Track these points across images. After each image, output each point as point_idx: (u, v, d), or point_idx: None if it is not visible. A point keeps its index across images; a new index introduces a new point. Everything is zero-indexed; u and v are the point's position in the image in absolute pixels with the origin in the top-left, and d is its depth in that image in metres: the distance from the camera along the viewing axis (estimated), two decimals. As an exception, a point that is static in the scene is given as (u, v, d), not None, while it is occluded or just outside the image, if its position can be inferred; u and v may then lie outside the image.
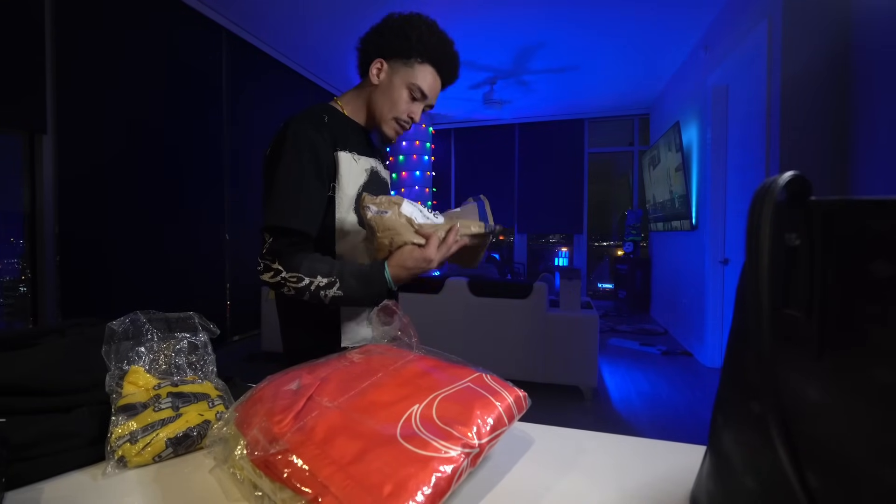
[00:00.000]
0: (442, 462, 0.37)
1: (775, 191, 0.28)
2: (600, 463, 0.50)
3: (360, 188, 0.91)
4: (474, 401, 0.46)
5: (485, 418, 0.44)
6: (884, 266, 0.25)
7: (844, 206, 0.27)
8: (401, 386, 0.47)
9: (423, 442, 0.39)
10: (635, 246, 5.46)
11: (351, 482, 0.35)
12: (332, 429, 0.40)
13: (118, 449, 0.48)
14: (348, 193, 0.89)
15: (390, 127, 0.94)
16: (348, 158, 0.89)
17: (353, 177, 0.90)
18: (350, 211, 0.90)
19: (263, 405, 0.44)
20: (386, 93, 0.92)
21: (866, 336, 0.26)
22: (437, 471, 0.36)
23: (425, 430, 0.40)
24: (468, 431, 0.41)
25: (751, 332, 0.33)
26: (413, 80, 0.90)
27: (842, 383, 0.27)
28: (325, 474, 0.36)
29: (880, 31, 1.71)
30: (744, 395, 0.33)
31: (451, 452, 0.38)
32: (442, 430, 0.41)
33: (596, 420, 2.39)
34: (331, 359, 0.55)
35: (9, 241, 2.24)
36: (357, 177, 0.91)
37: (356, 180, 0.90)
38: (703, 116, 3.37)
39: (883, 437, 0.25)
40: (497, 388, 0.49)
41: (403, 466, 0.36)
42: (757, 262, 0.28)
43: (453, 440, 0.40)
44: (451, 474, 0.37)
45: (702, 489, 0.39)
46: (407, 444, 0.38)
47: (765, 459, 0.30)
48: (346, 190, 0.89)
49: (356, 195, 0.90)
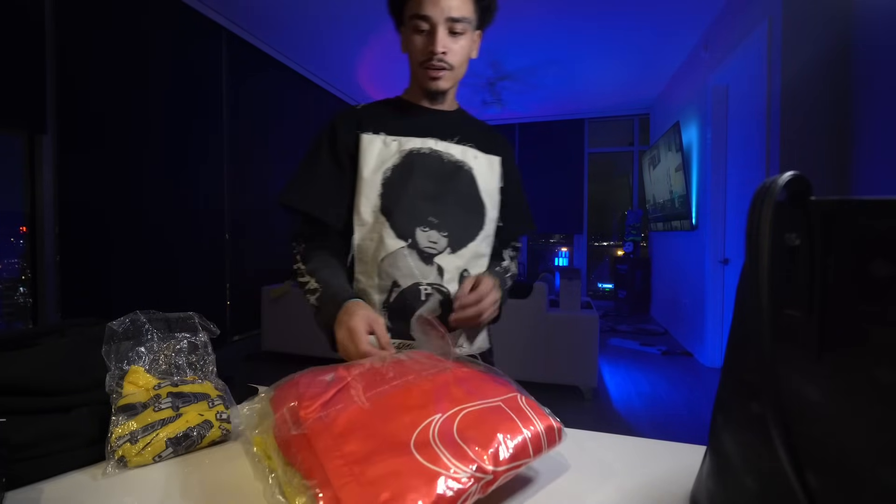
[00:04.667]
0: (449, 480, 0.36)
1: (775, 191, 0.28)
2: (600, 463, 0.50)
3: (388, 171, 0.82)
4: (500, 423, 0.43)
5: (507, 443, 0.41)
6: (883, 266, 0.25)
7: (844, 206, 0.27)
8: (428, 392, 0.46)
9: (435, 456, 0.37)
10: (635, 246, 5.46)
11: (352, 481, 0.35)
12: (351, 423, 0.41)
13: (118, 449, 0.48)
14: (364, 176, 0.82)
15: (424, 78, 0.82)
16: (371, 140, 0.83)
17: (374, 158, 0.82)
18: (364, 196, 0.82)
19: (297, 389, 0.47)
20: (407, 50, 0.83)
21: (866, 336, 0.26)
22: (441, 489, 0.35)
23: (440, 444, 0.39)
24: (484, 454, 0.39)
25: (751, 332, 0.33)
26: (410, 14, 0.78)
27: (842, 383, 0.27)
28: (331, 467, 0.36)
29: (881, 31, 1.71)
30: (744, 395, 0.33)
31: (461, 474, 0.36)
32: (458, 448, 0.39)
33: (596, 420, 2.39)
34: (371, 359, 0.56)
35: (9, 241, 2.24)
36: (382, 159, 0.82)
37: (381, 163, 0.82)
38: (703, 116, 3.36)
39: (883, 437, 0.25)
40: (529, 413, 0.45)
41: (408, 477, 0.35)
42: (757, 262, 0.28)
43: (467, 461, 0.38)
44: (455, 497, 0.35)
45: (702, 489, 0.39)
46: (418, 454, 0.37)
47: (765, 459, 0.30)
48: (363, 172, 0.82)
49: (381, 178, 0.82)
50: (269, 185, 3.81)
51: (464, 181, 0.85)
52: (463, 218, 0.84)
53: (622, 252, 5.60)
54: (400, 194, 0.81)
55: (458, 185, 0.84)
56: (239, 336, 3.48)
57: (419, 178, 0.82)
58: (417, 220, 0.81)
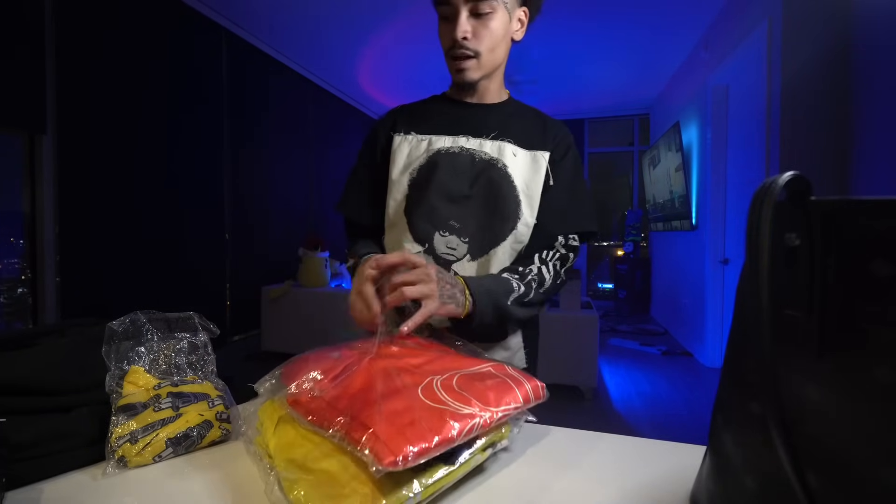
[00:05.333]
0: (456, 416, 0.41)
1: (775, 191, 0.28)
2: (600, 463, 0.50)
3: (414, 172, 0.79)
4: (491, 380, 0.50)
5: (499, 395, 0.47)
6: (884, 266, 0.25)
7: (844, 206, 0.27)
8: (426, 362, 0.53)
9: (441, 400, 0.44)
10: (635, 246, 5.46)
11: (373, 410, 0.41)
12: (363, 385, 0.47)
13: (118, 449, 0.48)
14: (392, 178, 0.81)
15: (451, 67, 0.78)
16: (401, 140, 0.81)
17: (403, 159, 0.80)
18: (392, 198, 0.81)
19: (308, 364, 0.51)
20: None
21: (866, 336, 0.26)
22: (452, 418, 0.41)
23: (444, 393, 0.45)
24: (482, 401, 0.45)
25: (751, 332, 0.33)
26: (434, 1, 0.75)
27: (842, 383, 0.27)
28: (354, 409, 0.42)
29: (881, 31, 1.71)
30: (744, 396, 0.33)
31: (466, 410, 0.43)
32: (459, 395, 0.45)
33: (596, 420, 2.39)
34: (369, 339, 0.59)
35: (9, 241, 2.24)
36: (410, 160, 0.80)
37: (408, 164, 0.80)
38: (703, 116, 3.36)
39: (883, 437, 0.25)
40: (516, 375, 0.52)
41: (421, 411, 0.41)
42: (757, 262, 0.28)
43: (468, 403, 0.44)
44: (463, 426, 0.41)
45: (702, 489, 0.39)
46: (425, 398, 0.44)
47: (765, 459, 0.30)
48: (392, 174, 0.81)
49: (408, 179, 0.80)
50: (270, 185, 3.81)
51: (495, 181, 0.77)
52: (489, 222, 0.77)
53: (622, 252, 5.60)
54: (422, 196, 0.77)
55: (489, 186, 0.77)
56: (239, 336, 3.48)
57: (443, 179, 0.77)
58: (437, 224, 0.77)
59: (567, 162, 0.83)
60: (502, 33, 0.75)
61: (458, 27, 0.71)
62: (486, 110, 0.83)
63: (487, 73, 0.78)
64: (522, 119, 0.84)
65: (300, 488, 0.38)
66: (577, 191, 0.83)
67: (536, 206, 0.80)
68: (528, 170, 0.80)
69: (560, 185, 0.81)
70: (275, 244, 3.86)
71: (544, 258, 0.79)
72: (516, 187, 0.78)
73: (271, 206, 3.81)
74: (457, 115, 0.82)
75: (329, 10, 3.20)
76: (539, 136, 0.82)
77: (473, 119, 0.81)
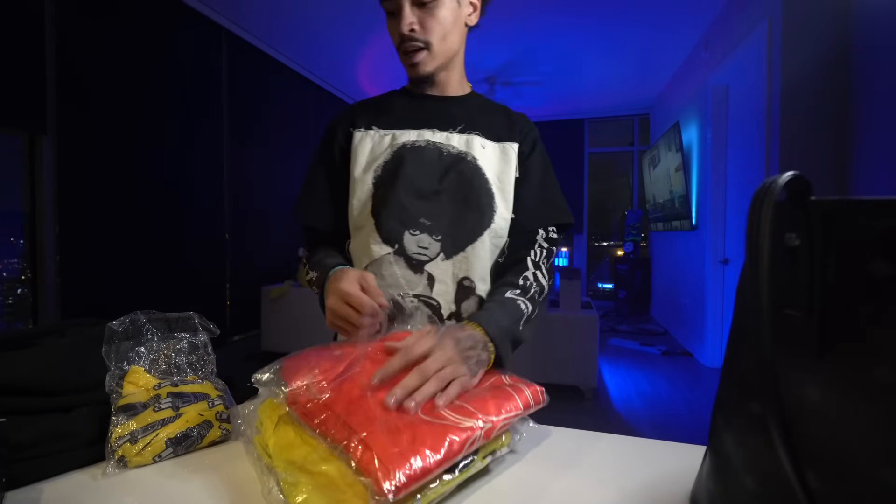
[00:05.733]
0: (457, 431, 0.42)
1: (775, 191, 0.28)
2: (600, 463, 0.50)
3: (379, 169, 0.76)
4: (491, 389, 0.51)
5: (499, 403, 0.47)
6: (883, 266, 0.25)
7: (844, 206, 0.27)
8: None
9: (441, 415, 0.44)
10: (635, 246, 5.46)
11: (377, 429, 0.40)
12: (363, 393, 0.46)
13: (118, 449, 0.48)
14: (355, 176, 0.77)
15: (406, 64, 0.75)
16: (363, 136, 0.77)
17: (365, 156, 0.77)
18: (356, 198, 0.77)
19: (308, 362, 0.50)
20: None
21: (866, 336, 0.26)
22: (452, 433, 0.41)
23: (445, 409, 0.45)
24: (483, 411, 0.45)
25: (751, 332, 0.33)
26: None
27: (842, 383, 0.27)
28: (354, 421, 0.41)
29: (881, 31, 1.71)
30: (744, 396, 0.33)
31: (466, 423, 0.43)
32: (459, 407, 0.46)
33: (596, 420, 2.39)
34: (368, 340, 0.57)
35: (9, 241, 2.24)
36: (374, 156, 0.76)
37: (372, 160, 0.76)
38: (703, 116, 3.36)
39: (883, 437, 0.25)
40: (515, 382, 0.53)
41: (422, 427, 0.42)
42: (757, 262, 0.28)
43: (469, 416, 0.44)
44: (464, 440, 0.41)
45: (702, 489, 0.39)
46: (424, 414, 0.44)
47: (765, 459, 0.30)
48: (354, 172, 0.77)
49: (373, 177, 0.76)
50: (269, 185, 3.82)
51: (465, 175, 0.75)
52: (462, 217, 0.74)
53: (622, 252, 5.60)
54: (389, 194, 0.73)
55: (459, 180, 0.74)
56: (239, 336, 3.48)
57: (411, 175, 0.73)
58: (406, 223, 0.73)
59: (536, 155, 0.81)
60: (452, 20, 0.72)
61: (403, 20, 0.69)
62: (450, 103, 0.80)
63: (442, 63, 0.75)
64: (487, 112, 0.81)
65: (302, 491, 0.37)
66: (549, 184, 0.82)
67: (511, 199, 0.78)
68: (498, 162, 0.78)
69: (533, 180, 0.80)
70: (275, 244, 3.86)
71: (537, 261, 0.77)
72: (488, 180, 0.76)
73: (271, 206, 3.81)
74: (420, 109, 0.78)
75: (329, 10, 3.20)
76: (506, 128, 0.80)
77: (438, 112, 0.78)
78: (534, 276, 0.75)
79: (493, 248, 0.77)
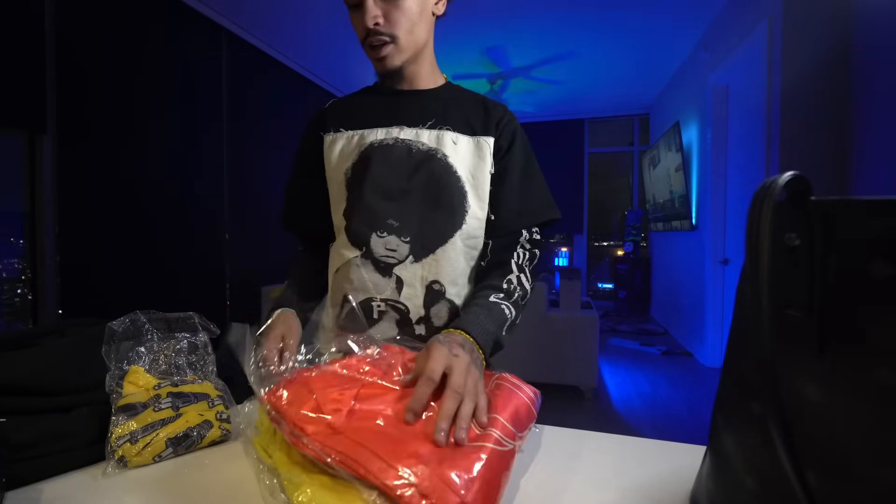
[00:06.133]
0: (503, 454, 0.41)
1: (775, 191, 0.28)
2: (600, 463, 0.50)
3: (348, 171, 0.74)
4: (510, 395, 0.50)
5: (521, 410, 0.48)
6: (883, 266, 0.25)
7: (844, 206, 0.27)
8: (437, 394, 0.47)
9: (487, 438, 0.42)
10: (635, 246, 5.46)
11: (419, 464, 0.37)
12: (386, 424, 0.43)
13: (118, 449, 0.48)
14: (331, 177, 0.77)
15: (372, 58, 0.72)
16: (333, 139, 0.76)
17: (336, 159, 0.76)
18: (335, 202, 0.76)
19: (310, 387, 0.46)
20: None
21: (866, 336, 0.26)
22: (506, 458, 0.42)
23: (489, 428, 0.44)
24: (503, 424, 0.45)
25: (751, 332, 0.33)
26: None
27: (842, 383, 0.27)
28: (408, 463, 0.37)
29: (881, 31, 1.71)
30: (744, 395, 0.33)
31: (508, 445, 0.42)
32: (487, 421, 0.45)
33: (596, 420, 2.39)
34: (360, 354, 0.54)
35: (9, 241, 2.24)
36: (343, 158, 0.75)
37: (342, 162, 0.75)
38: (703, 116, 3.36)
39: (883, 437, 0.25)
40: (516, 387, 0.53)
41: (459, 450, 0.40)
42: (757, 262, 0.28)
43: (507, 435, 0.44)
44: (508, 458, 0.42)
45: (702, 489, 0.39)
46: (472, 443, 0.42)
47: (765, 459, 0.30)
48: (330, 174, 0.76)
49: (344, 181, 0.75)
50: (269, 185, 3.81)
51: (435, 173, 0.71)
52: (432, 217, 0.71)
53: (622, 252, 5.60)
54: (357, 196, 0.72)
55: (429, 178, 0.71)
56: (239, 336, 3.48)
57: (377, 175, 0.71)
58: (373, 224, 0.71)
59: (516, 150, 0.77)
60: (418, 10, 0.69)
61: (367, 13, 0.66)
62: (420, 97, 0.76)
63: (411, 56, 0.72)
64: (462, 103, 0.77)
65: (307, 491, 0.37)
66: (532, 180, 0.78)
67: (485, 197, 0.74)
68: (471, 157, 0.74)
69: (514, 176, 0.76)
70: (275, 244, 3.86)
71: (520, 264, 0.74)
72: (460, 178, 0.72)
73: (271, 206, 3.80)
74: (390, 105, 0.76)
75: (329, 10, 3.20)
76: (480, 121, 0.76)
77: (408, 107, 0.75)
78: (517, 279, 0.72)
79: (465, 249, 0.74)
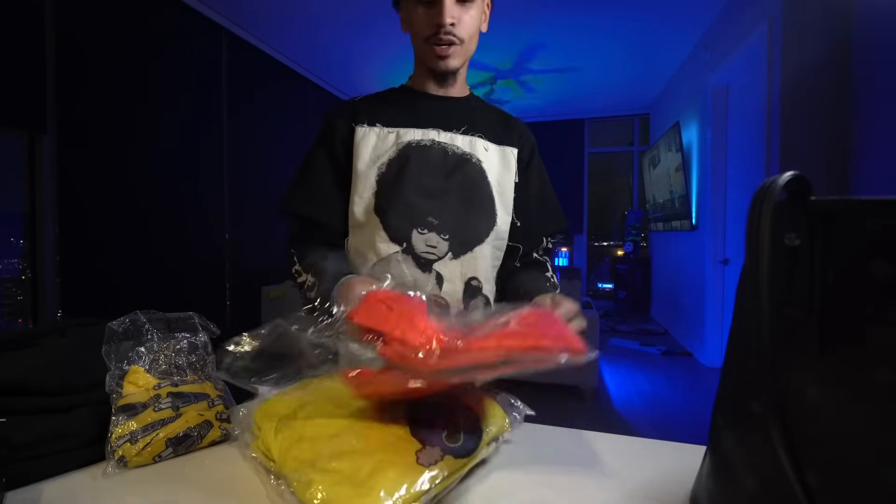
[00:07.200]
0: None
1: (775, 191, 0.28)
2: (600, 463, 0.50)
3: (383, 166, 0.75)
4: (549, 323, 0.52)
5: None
6: (883, 266, 0.25)
7: (844, 206, 0.27)
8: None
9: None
10: (635, 246, 5.46)
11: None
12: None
13: (118, 449, 0.48)
14: (359, 170, 0.76)
15: (431, 56, 0.73)
16: (366, 132, 0.76)
17: (369, 153, 0.76)
18: (358, 194, 0.76)
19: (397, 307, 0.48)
20: (411, 28, 0.75)
21: (866, 336, 0.26)
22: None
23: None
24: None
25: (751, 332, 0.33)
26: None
27: (842, 383, 0.27)
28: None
29: (880, 31, 1.71)
30: (744, 395, 0.33)
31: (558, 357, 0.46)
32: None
33: (596, 420, 2.39)
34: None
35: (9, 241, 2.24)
36: (378, 153, 0.75)
37: (376, 157, 0.75)
38: (703, 116, 3.36)
39: (883, 437, 0.25)
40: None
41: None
42: (757, 262, 0.28)
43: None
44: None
45: (702, 489, 0.39)
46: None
47: (765, 459, 0.30)
48: (359, 166, 0.75)
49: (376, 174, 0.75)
50: (269, 185, 3.81)
51: (470, 176, 0.75)
52: (469, 217, 0.75)
53: (622, 252, 5.60)
54: (395, 192, 0.73)
55: (465, 181, 0.75)
56: (239, 336, 3.48)
57: (417, 173, 0.73)
58: (414, 221, 0.73)
59: (535, 162, 0.85)
60: (478, 23, 0.74)
61: (446, 11, 0.68)
62: (454, 103, 0.80)
63: (464, 61, 0.77)
64: (488, 114, 0.83)
65: (318, 489, 0.37)
66: (549, 192, 0.87)
67: (510, 205, 0.80)
68: (499, 165, 0.79)
69: (535, 187, 0.84)
70: (275, 244, 3.86)
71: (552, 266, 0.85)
72: (490, 184, 0.78)
73: (271, 206, 3.80)
74: (423, 108, 0.78)
75: (329, 10, 3.20)
76: (505, 131, 0.82)
77: (442, 112, 0.78)
78: (553, 276, 0.81)
79: (493, 250, 0.79)
